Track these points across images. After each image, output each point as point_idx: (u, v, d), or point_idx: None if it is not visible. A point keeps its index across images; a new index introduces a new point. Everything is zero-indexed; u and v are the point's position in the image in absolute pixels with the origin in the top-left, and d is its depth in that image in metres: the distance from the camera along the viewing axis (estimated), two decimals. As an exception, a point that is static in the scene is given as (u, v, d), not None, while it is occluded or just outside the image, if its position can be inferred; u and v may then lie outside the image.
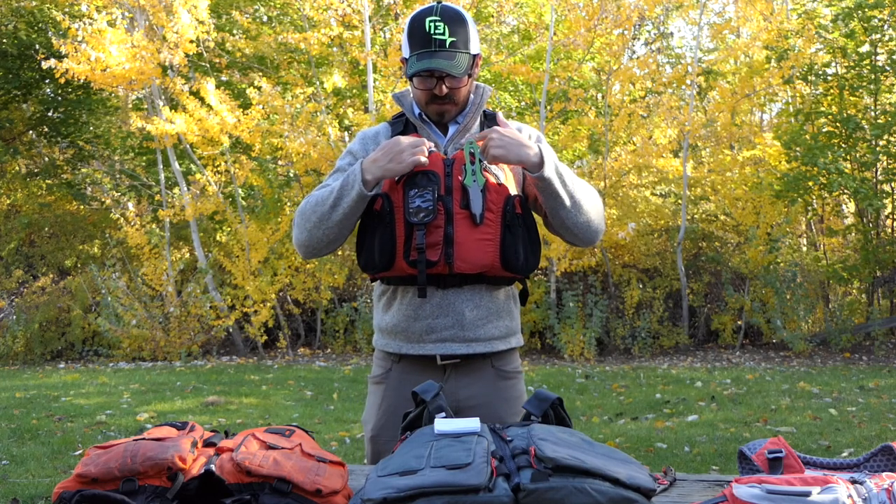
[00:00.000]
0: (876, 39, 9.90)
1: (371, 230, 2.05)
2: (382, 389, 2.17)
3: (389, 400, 2.14)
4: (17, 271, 12.35)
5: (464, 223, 1.99)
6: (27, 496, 4.20)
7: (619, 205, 11.15)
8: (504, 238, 2.01)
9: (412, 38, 2.05)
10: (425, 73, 2.04)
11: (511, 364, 2.17)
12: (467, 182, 1.98)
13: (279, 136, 10.73)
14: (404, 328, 2.10)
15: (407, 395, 2.06)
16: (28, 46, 13.06)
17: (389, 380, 2.15)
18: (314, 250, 2.09)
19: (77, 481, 1.37)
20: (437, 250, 1.99)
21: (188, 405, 7.02)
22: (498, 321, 2.11)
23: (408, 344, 2.10)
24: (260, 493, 1.37)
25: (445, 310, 2.06)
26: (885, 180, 10.34)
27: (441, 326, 2.07)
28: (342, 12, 10.69)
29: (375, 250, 2.03)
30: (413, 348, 2.09)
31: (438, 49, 2.01)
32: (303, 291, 11.08)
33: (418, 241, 1.97)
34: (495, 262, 2.02)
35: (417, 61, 2.03)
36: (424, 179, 1.99)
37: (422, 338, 2.08)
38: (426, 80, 2.06)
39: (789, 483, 1.23)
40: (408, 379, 2.09)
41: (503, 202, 2.01)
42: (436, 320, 2.07)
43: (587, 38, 10.62)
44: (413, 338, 2.09)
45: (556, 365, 9.58)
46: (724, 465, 4.67)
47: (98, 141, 14.09)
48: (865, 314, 10.36)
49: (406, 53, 2.09)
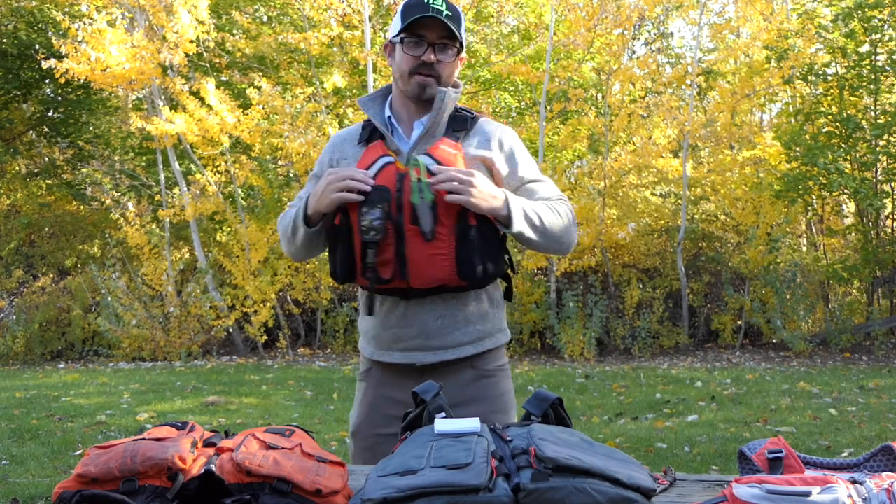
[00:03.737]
0: (876, 39, 9.90)
1: (334, 243, 2.08)
2: (364, 387, 2.21)
3: (369, 398, 2.18)
4: (17, 271, 12.35)
5: (415, 240, 1.97)
6: (27, 496, 4.20)
7: (619, 205, 11.15)
8: (458, 252, 1.98)
9: (405, 12, 2.04)
10: (417, 36, 2.02)
11: (492, 363, 2.15)
12: (414, 199, 1.96)
13: (279, 136, 10.73)
14: (375, 335, 2.14)
15: (386, 394, 2.13)
16: (28, 46, 13.06)
17: (370, 378, 2.19)
18: (299, 259, 2.22)
19: (77, 481, 1.37)
20: (389, 268, 1.99)
21: (188, 405, 7.02)
22: (467, 327, 2.09)
23: (378, 350, 2.14)
24: (260, 493, 1.37)
25: (410, 320, 2.07)
26: (885, 180, 10.34)
27: (407, 336, 2.08)
28: (342, 12, 10.69)
29: (337, 264, 2.06)
30: (382, 355, 2.13)
31: (436, 14, 2.01)
32: (303, 291, 11.08)
33: (369, 259, 1.97)
34: (451, 275, 2.00)
35: (415, 17, 2.00)
36: (377, 196, 1.97)
37: (390, 346, 2.11)
38: (416, 45, 2.04)
39: (789, 483, 1.23)
40: (387, 380, 2.13)
41: (456, 215, 1.98)
42: (401, 330, 2.08)
43: (587, 38, 10.62)
44: (382, 345, 2.12)
45: (556, 365, 9.58)
46: (724, 465, 4.67)
47: (98, 141, 14.09)
48: (865, 314, 10.36)
49: (398, 27, 2.06)
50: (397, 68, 2.09)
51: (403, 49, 2.05)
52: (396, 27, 2.07)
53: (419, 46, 2.04)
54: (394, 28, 2.09)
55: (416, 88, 2.06)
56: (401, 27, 2.04)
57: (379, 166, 2.03)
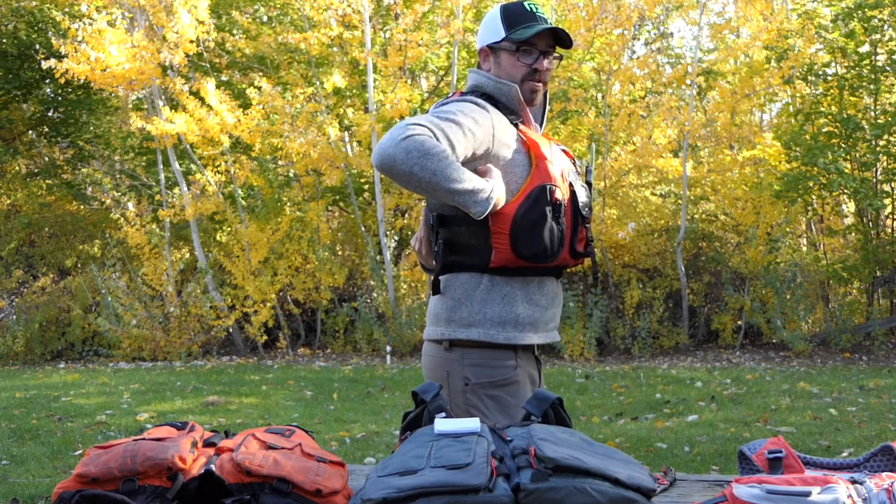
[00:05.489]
0: (876, 39, 9.90)
1: (534, 221, 2.12)
2: (520, 375, 2.30)
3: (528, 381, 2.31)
4: (17, 271, 12.35)
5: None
6: (27, 496, 4.20)
7: (619, 205, 11.15)
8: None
9: (510, 18, 2.13)
10: (531, 44, 2.12)
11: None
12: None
13: (279, 136, 10.73)
14: (538, 317, 2.23)
15: (533, 375, 2.27)
16: (28, 46, 13.06)
17: (520, 368, 2.24)
18: (390, 174, 1.92)
19: (77, 481, 1.37)
20: (581, 244, 2.30)
21: (188, 405, 7.02)
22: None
23: (531, 333, 2.21)
24: (260, 493, 1.37)
25: (559, 299, 2.31)
26: (885, 180, 10.34)
27: (556, 315, 2.29)
28: (342, 12, 10.69)
29: (545, 241, 2.13)
30: (534, 337, 2.22)
31: (546, 24, 2.12)
32: (303, 291, 11.08)
33: (591, 234, 2.27)
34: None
35: (531, 27, 2.10)
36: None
37: (546, 325, 2.27)
38: (528, 54, 2.13)
39: (789, 483, 1.24)
40: (528, 362, 2.27)
41: None
42: (556, 309, 2.29)
43: (587, 38, 10.62)
44: (540, 326, 2.22)
45: (556, 365, 9.58)
46: (724, 465, 4.67)
47: (98, 141, 14.08)
48: (865, 314, 10.35)
49: (500, 34, 2.14)
50: (506, 74, 2.16)
51: (518, 58, 2.14)
52: (498, 33, 2.15)
53: (531, 55, 2.14)
54: (494, 34, 2.16)
55: (528, 94, 2.16)
56: (507, 35, 2.13)
57: (559, 151, 2.18)
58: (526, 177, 2.06)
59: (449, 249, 2.11)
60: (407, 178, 1.89)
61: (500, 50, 2.15)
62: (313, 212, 11.11)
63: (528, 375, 2.17)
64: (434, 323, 2.17)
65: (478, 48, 2.23)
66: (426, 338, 2.21)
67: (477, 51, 2.26)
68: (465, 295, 2.11)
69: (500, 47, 2.15)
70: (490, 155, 2.05)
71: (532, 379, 2.19)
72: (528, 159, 2.08)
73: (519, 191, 2.04)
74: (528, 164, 2.07)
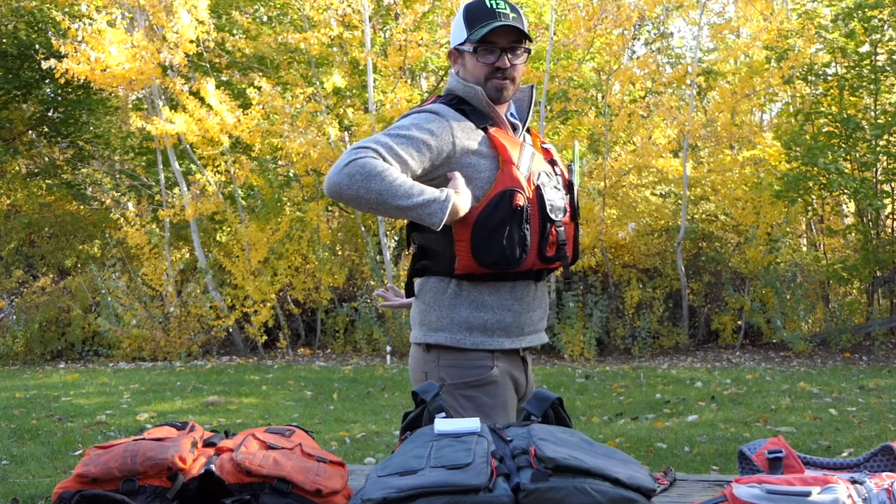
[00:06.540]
0: (876, 39, 9.90)
1: (498, 225, 2.09)
2: (499, 375, 2.30)
3: (508, 389, 2.30)
4: (17, 271, 12.35)
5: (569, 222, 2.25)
6: (27, 496, 4.20)
7: (619, 205, 11.15)
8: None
9: (471, 18, 2.08)
10: (489, 42, 2.06)
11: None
12: (576, 180, 2.29)
13: (279, 136, 10.73)
14: (511, 321, 2.22)
15: (516, 378, 2.27)
16: (28, 46, 13.06)
17: (501, 370, 2.25)
18: (341, 200, 1.97)
19: (77, 481, 1.37)
20: (553, 248, 2.23)
21: (188, 405, 7.02)
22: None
23: (510, 338, 2.21)
24: (260, 493, 1.37)
25: (539, 302, 2.30)
26: (885, 180, 10.34)
27: (537, 319, 2.30)
28: (342, 12, 10.69)
29: (507, 245, 2.11)
30: (514, 342, 2.22)
31: (504, 19, 2.06)
32: (303, 291, 11.08)
33: (562, 238, 2.16)
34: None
35: (486, 26, 2.05)
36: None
37: (523, 330, 2.27)
38: (489, 52, 2.08)
39: (789, 483, 1.24)
40: (512, 365, 2.28)
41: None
42: (535, 312, 2.27)
43: (587, 38, 10.62)
44: (516, 331, 2.22)
45: (556, 365, 9.58)
46: (724, 465, 4.67)
47: (98, 141, 14.08)
48: (865, 314, 10.35)
49: (463, 36, 2.10)
50: (471, 75, 2.13)
51: (477, 59, 2.09)
52: (461, 34, 2.11)
53: (491, 53, 2.09)
54: (458, 35, 2.12)
55: (493, 93, 2.11)
56: (467, 36, 2.09)
57: (532, 153, 2.12)
58: (492, 182, 2.03)
59: (421, 254, 2.15)
60: (356, 202, 1.92)
61: (464, 52, 2.12)
62: (313, 212, 11.11)
63: (510, 376, 2.16)
64: (413, 326, 2.21)
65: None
66: (410, 340, 2.24)
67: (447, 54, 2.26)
68: (434, 300, 2.14)
69: (464, 49, 2.12)
70: (453, 162, 2.03)
71: (515, 379, 2.18)
72: (496, 164, 2.05)
73: (483, 196, 2.03)
74: (496, 168, 2.05)
